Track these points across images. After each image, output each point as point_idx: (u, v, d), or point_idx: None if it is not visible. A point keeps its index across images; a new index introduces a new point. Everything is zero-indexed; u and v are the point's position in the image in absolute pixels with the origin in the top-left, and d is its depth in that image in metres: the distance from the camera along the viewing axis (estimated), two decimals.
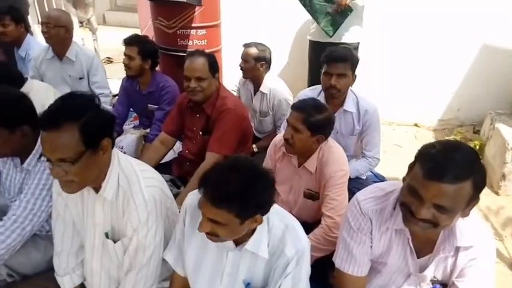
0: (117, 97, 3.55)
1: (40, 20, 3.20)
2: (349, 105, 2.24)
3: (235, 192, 1.08)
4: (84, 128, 1.19)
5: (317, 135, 1.80)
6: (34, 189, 1.53)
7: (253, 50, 2.72)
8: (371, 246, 1.33)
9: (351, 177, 2.13)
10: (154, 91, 2.81)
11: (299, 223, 1.31)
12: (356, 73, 2.23)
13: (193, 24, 2.93)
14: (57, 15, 2.90)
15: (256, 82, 2.82)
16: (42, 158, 1.23)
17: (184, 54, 2.89)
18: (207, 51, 2.35)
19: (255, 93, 2.88)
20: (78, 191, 1.32)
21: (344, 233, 1.37)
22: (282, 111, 2.74)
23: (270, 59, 2.82)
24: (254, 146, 2.73)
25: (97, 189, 1.37)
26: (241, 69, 2.79)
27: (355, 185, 2.12)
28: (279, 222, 1.27)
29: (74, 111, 1.20)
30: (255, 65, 2.73)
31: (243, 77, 2.87)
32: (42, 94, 2.39)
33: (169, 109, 2.73)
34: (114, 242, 1.42)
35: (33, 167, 1.59)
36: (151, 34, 3.43)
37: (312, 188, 1.92)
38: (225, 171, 1.11)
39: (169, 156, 2.60)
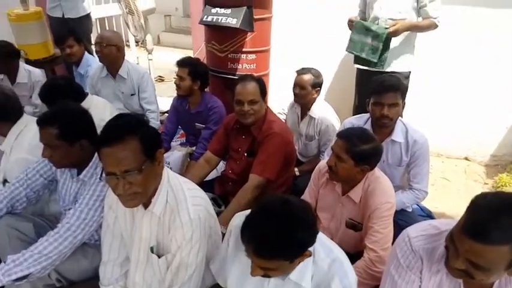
0: (166, 114, 3.72)
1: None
2: (397, 135, 2.19)
3: (279, 245, 1.08)
4: (143, 139, 1.28)
5: (361, 165, 1.77)
6: (88, 200, 1.62)
7: (310, 77, 2.71)
8: (420, 287, 1.27)
9: (396, 209, 2.06)
10: (202, 111, 2.91)
11: (346, 256, 1.29)
12: (405, 102, 2.19)
13: (244, 49, 3.01)
14: (109, 35, 3.10)
15: (305, 106, 2.81)
16: (104, 177, 1.30)
17: (233, 77, 3.00)
18: (255, 75, 2.42)
19: (302, 117, 2.87)
20: (139, 204, 1.38)
21: (392, 269, 1.31)
22: (328, 136, 2.72)
23: (322, 83, 2.83)
24: (296, 169, 2.72)
25: (146, 205, 1.43)
26: (294, 94, 2.78)
27: (400, 217, 2.06)
28: (326, 256, 1.26)
29: (132, 125, 1.30)
30: (310, 92, 2.72)
31: (295, 101, 2.86)
32: (100, 109, 2.55)
33: (215, 129, 2.80)
34: (159, 257, 1.46)
35: (89, 179, 1.68)
36: (202, 56, 3.58)
37: (355, 218, 1.88)
38: (265, 221, 1.11)
39: (212, 174, 2.65)
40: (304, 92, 2.72)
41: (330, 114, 2.82)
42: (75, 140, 1.62)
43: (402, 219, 2.07)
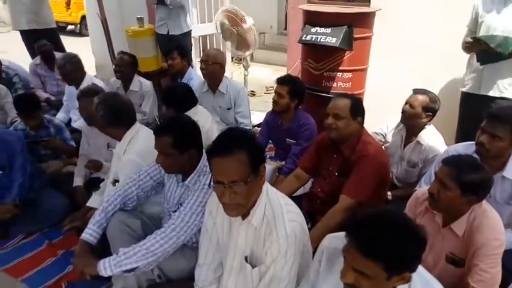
0: (256, 128, 3.86)
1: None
2: (509, 171, 1.99)
3: (388, 245, 1.05)
4: (250, 153, 1.36)
5: (468, 195, 1.64)
6: (192, 204, 1.74)
7: (424, 98, 2.56)
8: None
9: (505, 248, 1.87)
10: (294, 127, 2.95)
11: None
12: None
13: (340, 68, 3.02)
14: (214, 53, 3.33)
15: (411, 129, 2.67)
16: (212, 184, 1.40)
17: (327, 95, 3.01)
18: (349, 93, 2.39)
19: (407, 141, 2.72)
20: (240, 214, 1.46)
21: None
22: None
23: (437, 111, 2.64)
24: (390, 193, 2.60)
25: (244, 216, 1.50)
26: (402, 112, 2.65)
27: (510, 259, 1.85)
28: None
29: (242, 139, 1.38)
30: (420, 113, 2.58)
31: (401, 121, 2.73)
32: (203, 118, 2.78)
33: (306, 145, 2.82)
34: (252, 267, 1.51)
35: (193, 185, 1.82)
36: (296, 73, 3.66)
37: (456, 252, 1.74)
38: (379, 221, 1.10)
39: (299, 191, 2.66)
40: (412, 111, 2.56)
41: (439, 143, 2.62)
42: (186, 149, 1.76)
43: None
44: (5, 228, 2.59)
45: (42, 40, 4.29)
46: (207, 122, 2.83)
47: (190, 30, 4.55)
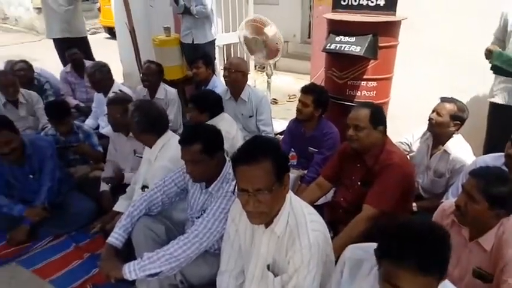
0: (278, 136, 3.87)
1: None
2: None
3: (441, 257, 1.08)
4: (275, 162, 1.37)
5: (496, 209, 1.59)
6: (215, 211, 1.77)
7: (452, 107, 2.52)
8: None
9: None
10: (317, 135, 2.95)
11: None
12: None
13: (364, 76, 3.00)
14: (237, 62, 3.39)
15: (438, 138, 2.61)
16: (237, 192, 1.42)
17: (351, 104, 2.99)
18: (374, 102, 2.36)
19: (433, 150, 2.67)
20: (264, 222, 1.47)
21: None
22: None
23: (465, 120, 2.59)
24: (415, 204, 2.55)
25: (267, 224, 1.50)
26: (429, 120, 2.60)
27: None
28: None
29: (268, 148, 1.40)
30: (448, 122, 2.53)
31: (428, 129, 2.68)
32: (229, 125, 2.87)
33: (328, 154, 2.81)
34: (274, 275, 1.51)
35: (216, 192, 1.85)
36: (319, 81, 3.66)
37: (484, 267, 1.69)
38: (422, 234, 1.09)
39: (321, 200, 2.64)
40: (440, 119, 2.52)
41: (467, 153, 2.56)
42: (215, 154, 1.81)
43: None
44: (34, 230, 2.68)
45: (73, 49, 4.46)
46: (233, 129, 2.88)
47: (215, 39, 4.63)
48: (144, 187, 2.26)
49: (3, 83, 3.52)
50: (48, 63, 5.50)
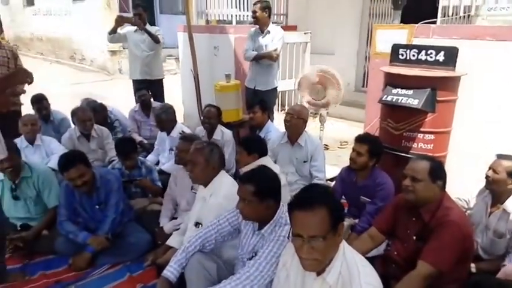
0: (327, 181, 3.86)
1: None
2: None
3: None
4: (331, 211, 1.41)
5: None
6: (267, 254, 1.81)
7: (508, 163, 2.44)
8: None
9: None
10: (369, 185, 2.93)
11: None
12: None
13: (421, 129, 2.98)
14: (299, 109, 3.55)
15: (498, 197, 2.52)
16: (291, 236, 1.46)
17: (406, 155, 2.96)
18: (429, 155, 2.32)
19: (492, 208, 2.56)
20: (316, 270, 1.49)
21: None
22: None
23: None
24: (473, 265, 2.41)
25: (319, 272, 1.52)
26: (486, 178, 2.54)
27: None
28: None
29: (324, 196, 1.45)
30: (505, 179, 2.44)
31: (486, 187, 2.60)
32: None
33: (381, 205, 2.77)
34: None
35: (268, 235, 1.89)
36: (373, 130, 3.66)
37: None
38: None
39: (372, 252, 2.58)
40: (497, 177, 2.44)
41: None
42: (265, 199, 1.87)
43: None
44: (94, 258, 2.83)
45: (142, 91, 4.91)
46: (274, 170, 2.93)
47: (276, 87, 4.85)
48: (197, 224, 2.36)
49: (81, 118, 3.90)
50: (113, 100, 6.04)
